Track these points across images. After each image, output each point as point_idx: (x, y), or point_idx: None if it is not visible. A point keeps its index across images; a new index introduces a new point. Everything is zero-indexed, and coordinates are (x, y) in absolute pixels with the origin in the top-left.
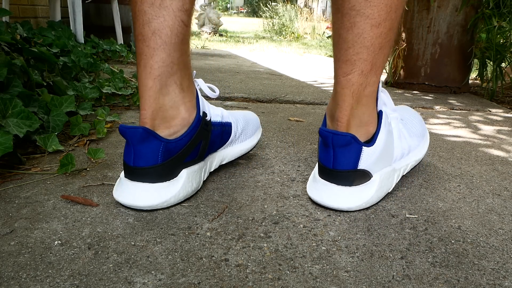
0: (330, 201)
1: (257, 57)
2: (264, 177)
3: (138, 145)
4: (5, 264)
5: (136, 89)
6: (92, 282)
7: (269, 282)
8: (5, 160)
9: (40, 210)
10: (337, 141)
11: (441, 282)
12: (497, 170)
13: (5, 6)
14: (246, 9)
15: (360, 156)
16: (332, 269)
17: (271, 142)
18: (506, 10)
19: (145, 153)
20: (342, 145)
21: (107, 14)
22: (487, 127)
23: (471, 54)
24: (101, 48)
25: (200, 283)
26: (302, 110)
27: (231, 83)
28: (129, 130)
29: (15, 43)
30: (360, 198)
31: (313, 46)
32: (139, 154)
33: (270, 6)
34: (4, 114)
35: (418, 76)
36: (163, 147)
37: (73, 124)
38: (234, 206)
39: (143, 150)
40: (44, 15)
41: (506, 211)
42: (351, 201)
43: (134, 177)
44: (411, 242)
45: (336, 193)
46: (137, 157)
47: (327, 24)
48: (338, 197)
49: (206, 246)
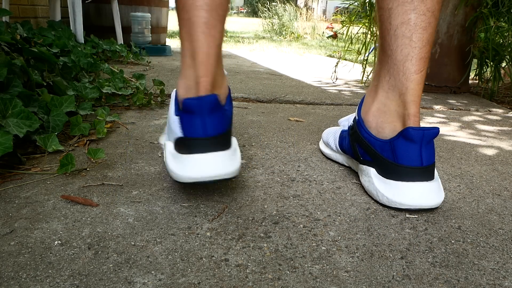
0: (429, 201)
1: (257, 57)
2: (264, 177)
3: (210, 114)
4: (5, 264)
5: (136, 89)
6: (92, 282)
7: (269, 282)
8: (5, 160)
9: (40, 210)
10: (428, 136)
11: (441, 282)
12: (497, 170)
13: (5, 6)
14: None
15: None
16: (332, 269)
17: (271, 142)
18: (505, 10)
19: (216, 121)
20: (430, 140)
21: (107, 14)
22: (487, 127)
23: (469, 54)
24: (101, 48)
25: (200, 283)
26: (302, 110)
27: (231, 83)
28: (204, 99)
29: (15, 43)
30: (442, 188)
31: (313, 46)
32: (211, 122)
33: (269, 6)
34: (4, 114)
35: None
36: (225, 115)
37: (73, 124)
38: (234, 206)
39: (214, 118)
40: (44, 15)
41: (506, 211)
42: (441, 194)
43: (211, 147)
44: (411, 242)
45: (431, 189)
46: (209, 126)
47: (327, 24)
48: (433, 194)
49: (206, 246)
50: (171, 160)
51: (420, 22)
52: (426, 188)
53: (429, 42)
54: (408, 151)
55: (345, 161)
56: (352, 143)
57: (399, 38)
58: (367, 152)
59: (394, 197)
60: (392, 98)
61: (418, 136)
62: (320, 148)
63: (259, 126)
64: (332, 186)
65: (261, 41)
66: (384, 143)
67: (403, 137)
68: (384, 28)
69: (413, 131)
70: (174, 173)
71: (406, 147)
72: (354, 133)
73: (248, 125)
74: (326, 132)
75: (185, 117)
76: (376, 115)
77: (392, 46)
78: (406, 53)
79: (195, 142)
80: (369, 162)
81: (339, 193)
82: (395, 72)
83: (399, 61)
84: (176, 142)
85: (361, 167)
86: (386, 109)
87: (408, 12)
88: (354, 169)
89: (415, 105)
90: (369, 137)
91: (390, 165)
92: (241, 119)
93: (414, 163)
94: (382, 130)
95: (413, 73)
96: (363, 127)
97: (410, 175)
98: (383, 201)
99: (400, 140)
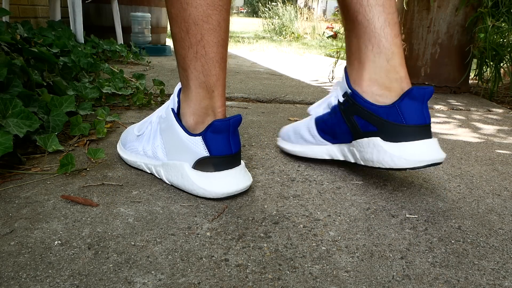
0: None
1: (257, 57)
2: (264, 177)
3: (235, 132)
4: (5, 264)
5: (136, 89)
6: (92, 282)
7: (269, 282)
8: (5, 160)
9: (40, 210)
10: (429, 94)
11: (441, 282)
12: (497, 170)
13: (5, 6)
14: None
15: None
16: (332, 269)
17: (271, 142)
18: (505, 10)
19: (237, 139)
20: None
21: (107, 14)
22: (487, 127)
23: (470, 54)
24: (101, 48)
25: (200, 283)
26: (302, 110)
27: (231, 83)
28: (232, 120)
29: (15, 43)
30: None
31: (313, 46)
32: (235, 140)
33: (270, 6)
34: (4, 114)
35: (418, 76)
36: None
37: (73, 124)
38: (234, 206)
39: (236, 135)
40: (44, 15)
41: (506, 211)
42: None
43: (232, 164)
44: (411, 242)
45: (438, 145)
46: (234, 143)
47: (327, 24)
48: (439, 149)
49: (206, 246)
50: (197, 178)
51: None
52: (435, 143)
53: (395, 8)
54: (414, 110)
55: (325, 153)
56: (348, 117)
57: (373, 7)
58: (370, 122)
59: (413, 156)
60: (380, 65)
61: (422, 94)
62: (286, 148)
63: (259, 126)
64: (332, 186)
65: (261, 41)
66: (389, 108)
67: (408, 97)
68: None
69: (419, 90)
70: (206, 191)
71: (412, 107)
72: (350, 107)
73: (248, 125)
74: (289, 129)
75: (212, 137)
76: (370, 84)
77: (368, 15)
78: (383, 19)
79: (223, 160)
80: (372, 133)
81: (339, 193)
82: (377, 40)
83: (378, 28)
84: (200, 161)
85: (361, 141)
86: (378, 77)
87: None
88: (337, 156)
89: (404, 67)
90: (370, 105)
91: (399, 127)
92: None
93: (420, 121)
94: (379, 97)
95: (394, 37)
96: (361, 97)
97: (420, 133)
98: (401, 165)
99: (405, 101)
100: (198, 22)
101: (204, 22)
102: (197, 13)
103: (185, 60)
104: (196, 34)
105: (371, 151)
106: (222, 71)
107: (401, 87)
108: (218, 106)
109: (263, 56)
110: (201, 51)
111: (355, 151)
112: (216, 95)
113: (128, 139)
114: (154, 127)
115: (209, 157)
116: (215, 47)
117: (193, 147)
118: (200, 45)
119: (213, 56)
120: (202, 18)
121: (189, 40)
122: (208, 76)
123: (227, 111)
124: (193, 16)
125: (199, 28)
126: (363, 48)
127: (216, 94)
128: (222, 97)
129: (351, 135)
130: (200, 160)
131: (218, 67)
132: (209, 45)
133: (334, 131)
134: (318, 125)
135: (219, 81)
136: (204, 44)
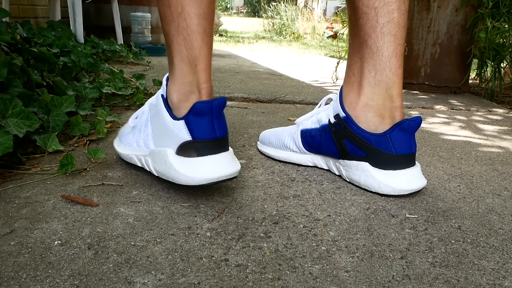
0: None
1: (257, 57)
2: (264, 177)
3: (220, 115)
4: (5, 264)
5: (136, 89)
6: (92, 282)
7: (269, 282)
8: (5, 160)
9: (40, 210)
10: (419, 125)
11: (441, 282)
12: (497, 170)
13: (5, 6)
14: (246, 9)
15: None
16: (332, 269)
17: None
18: (505, 10)
19: (222, 123)
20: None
21: (107, 14)
22: (487, 127)
23: (470, 54)
24: (101, 48)
25: (200, 283)
26: (302, 110)
27: (231, 83)
28: (215, 102)
29: (15, 43)
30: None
31: (313, 46)
32: (220, 123)
33: (273, 6)
34: (4, 114)
35: (418, 76)
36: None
37: (73, 124)
38: (234, 206)
39: (221, 120)
40: (44, 15)
41: (506, 211)
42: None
43: (218, 149)
44: (411, 242)
45: (421, 173)
46: (219, 127)
47: (327, 24)
48: (422, 176)
49: (206, 246)
50: (180, 165)
51: (401, 21)
52: (417, 171)
53: (404, 40)
54: (404, 141)
55: (309, 161)
56: (338, 140)
57: (386, 35)
58: (360, 147)
59: (398, 185)
60: (379, 92)
61: (413, 126)
62: (268, 152)
63: (259, 126)
64: (332, 186)
65: (261, 41)
66: (380, 137)
67: (399, 128)
68: (370, 25)
69: (411, 123)
70: (188, 177)
71: (402, 138)
72: (342, 130)
73: (248, 125)
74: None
75: (194, 120)
76: (365, 109)
77: (379, 43)
78: (392, 49)
79: (207, 144)
80: (361, 157)
81: (339, 193)
82: (382, 67)
83: (385, 57)
84: (182, 146)
85: (349, 163)
86: (374, 103)
87: (392, 12)
88: (322, 165)
89: (400, 98)
90: (362, 132)
91: (389, 156)
92: (241, 119)
93: (408, 151)
94: (372, 124)
95: (398, 68)
96: (354, 123)
97: (406, 162)
98: (386, 191)
99: (396, 132)
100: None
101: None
102: None
103: (168, 35)
104: (177, 6)
105: (359, 174)
106: (205, 44)
107: (394, 116)
108: (202, 81)
109: (263, 56)
110: (182, 24)
111: (342, 168)
112: (200, 69)
113: (124, 133)
114: (146, 115)
115: (192, 141)
116: (196, 19)
117: (177, 132)
118: (181, 18)
119: (195, 29)
120: None
121: (171, 13)
122: (190, 50)
123: (227, 111)
124: None
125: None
126: (366, 72)
127: (199, 68)
128: (206, 72)
129: (339, 155)
130: (183, 144)
131: (200, 40)
132: (190, 17)
133: (321, 147)
134: (305, 138)
135: (202, 54)
136: (185, 17)
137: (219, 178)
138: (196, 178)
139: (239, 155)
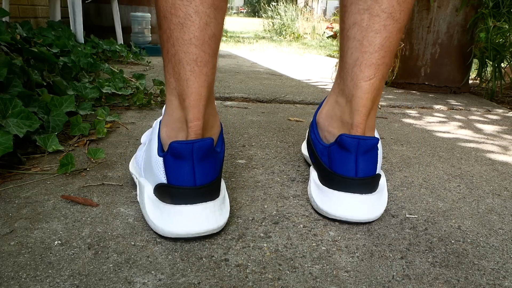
0: (357, 214)
1: (257, 57)
2: (264, 177)
3: (201, 160)
4: (5, 264)
5: (136, 89)
6: (92, 282)
7: (269, 282)
8: (5, 160)
9: (40, 210)
10: (364, 146)
11: (441, 282)
12: (497, 170)
13: (5, 6)
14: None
15: (378, 159)
16: (332, 269)
17: (271, 142)
18: (506, 10)
19: (206, 168)
20: (367, 151)
21: (107, 14)
22: (487, 127)
23: (471, 54)
24: (101, 48)
25: (200, 283)
26: (302, 110)
27: (231, 83)
28: (196, 144)
29: (15, 43)
30: (383, 202)
31: (313, 46)
32: (201, 170)
33: (273, 6)
34: (4, 114)
35: (418, 76)
36: (217, 158)
37: (73, 124)
38: (234, 206)
39: (205, 165)
40: (44, 15)
41: (506, 211)
42: (377, 209)
43: (195, 199)
44: (411, 242)
45: (362, 203)
46: (199, 174)
47: (327, 24)
48: (364, 208)
49: (206, 246)
50: (151, 208)
51: (372, 24)
52: (357, 200)
53: (383, 47)
54: (342, 160)
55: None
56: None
57: (350, 40)
58: (312, 155)
59: (322, 205)
60: (340, 103)
61: (353, 144)
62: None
63: (259, 126)
64: None
65: (261, 41)
66: (324, 148)
67: (337, 144)
68: (340, 27)
69: (346, 139)
70: (156, 226)
71: (340, 155)
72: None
73: (248, 125)
74: None
75: (171, 162)
76: (325, 118)
77: (344, 48)
78: (355, 57)
79: (182, 192)
80: (313, 165)
81: None
82: (345, 76)
83: (349, 65)
84: (158, 188)
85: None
86: (333, 114)
87: (361, 12)
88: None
89: (359, 115)
90: (315, 139)
91: (326, 171)
92: (241, 119)
93: (347, 172)
94: (328, 134)
95: (361, 80)
96: (314, 129)
97: (343, 184)
98: (314, 207)
99: (335, 147)
100: (167, 15)
101: (172, 14)
102: (166, 4)
103: (163, 61)
104: (166, 30)
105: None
106: (195, 77)
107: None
108: (190, 119)
109: (263, 56)
110: (171, 50)
111: None
112: (188, 105)
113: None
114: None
115: (166, 186)
116: (185, 45)
117: (156, 170)
118: (170, 43)
119: (182, 57)
120: (170, 10)
121: (161, 37)
122: (178, 81)
123: (227, 111)
124: (163, 8)
125: (168, 22)
126: (337, 78)
127: (187, 104)
128: (195, 109)
129: None
130: (159, 186)
131: (189, 71)
132: (179, 43)
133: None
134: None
135: (190, 88)
136: (173, 42)
137: (188, 234)
138: (164, 230)
139: (239, 155)
